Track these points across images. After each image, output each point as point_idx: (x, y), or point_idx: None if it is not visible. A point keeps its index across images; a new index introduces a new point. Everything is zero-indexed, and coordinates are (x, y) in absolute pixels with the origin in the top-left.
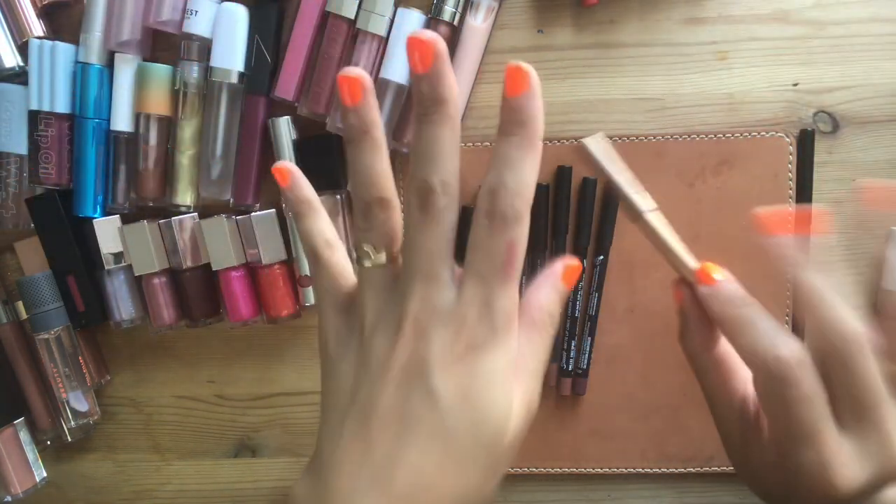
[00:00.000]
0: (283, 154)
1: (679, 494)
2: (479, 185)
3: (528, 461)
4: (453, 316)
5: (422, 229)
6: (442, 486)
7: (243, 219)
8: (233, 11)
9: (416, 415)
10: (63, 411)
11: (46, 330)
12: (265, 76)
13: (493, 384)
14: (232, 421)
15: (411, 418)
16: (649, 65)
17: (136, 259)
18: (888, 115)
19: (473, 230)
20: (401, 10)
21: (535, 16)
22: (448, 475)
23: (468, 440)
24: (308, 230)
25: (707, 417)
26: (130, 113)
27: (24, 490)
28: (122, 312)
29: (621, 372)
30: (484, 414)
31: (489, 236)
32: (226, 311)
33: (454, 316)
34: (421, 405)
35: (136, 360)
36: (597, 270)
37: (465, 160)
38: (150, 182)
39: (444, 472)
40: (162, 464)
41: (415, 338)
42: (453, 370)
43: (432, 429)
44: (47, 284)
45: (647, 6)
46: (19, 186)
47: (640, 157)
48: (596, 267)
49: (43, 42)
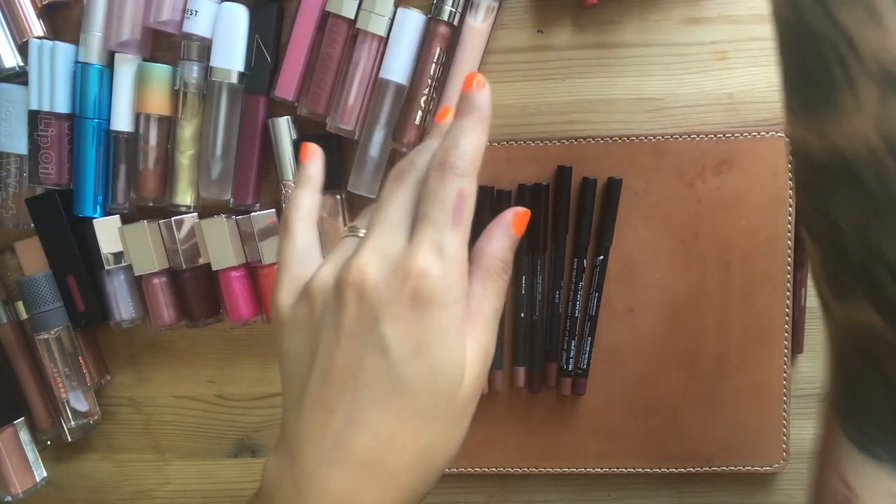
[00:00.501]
0: (284, 154)
1: (679, 494)
2: (478, 185)
3: (528, 461)
4: (403, 261)
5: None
6: (404, 443)
7: (243, 219)
8: (233, 11)
9: (371, 369)
10: (63, 411)
11: (46, 330)
12: (265, 76)
13: (446, 333)
14: (232, 421)
15: (366, 373)
16: (649, 65)
17: (136, 259)
18: None
19: (426, 183)
20: (401, 10)
21: (535, 16)
22: (409, 431)
23: (425, 392)
24: (294, 199)
25: (707, 417)
26: (130, 113)
27: (24, 490)
28: (122, 312)
29: (621, 372)
30: (438, 363)
31: (441, 184)
32: (226, 311)
33: (403, 261)
34: (374, 359)
35: (136, 360)
36: (597, 270)
37: None
38: (150, 182)
39: (405, 427)
40: (162, 464)
41: (364, 286)
42: (404, 318)
43: (388, 383)
44: (47, 284)
45: (647, 6)
46: (19, 186)
47: (640, 157)
48: (596, 267)
49: (43, 42)
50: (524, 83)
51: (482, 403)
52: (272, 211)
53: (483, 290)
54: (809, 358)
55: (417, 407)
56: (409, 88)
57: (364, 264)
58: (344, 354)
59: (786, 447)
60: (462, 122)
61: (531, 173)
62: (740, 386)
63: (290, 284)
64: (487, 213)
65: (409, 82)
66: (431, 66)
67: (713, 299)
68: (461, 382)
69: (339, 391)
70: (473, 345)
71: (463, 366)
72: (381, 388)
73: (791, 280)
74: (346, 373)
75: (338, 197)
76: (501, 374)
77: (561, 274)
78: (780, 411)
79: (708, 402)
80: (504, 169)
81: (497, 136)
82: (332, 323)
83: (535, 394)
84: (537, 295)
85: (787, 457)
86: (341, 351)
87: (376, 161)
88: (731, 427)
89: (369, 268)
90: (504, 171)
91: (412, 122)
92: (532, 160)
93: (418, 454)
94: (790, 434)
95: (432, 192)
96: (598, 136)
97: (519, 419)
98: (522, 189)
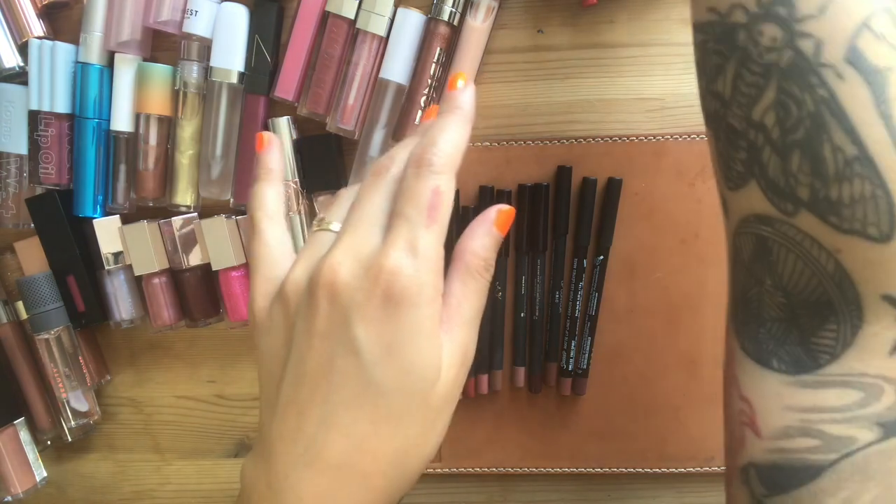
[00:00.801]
0: (284, 154)
1: (679, 494)
2: (478, 185)
3: (528, 461)
4: (375, 261)
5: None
6: (378, 446)
7: (243, 219)
8: (233, 11)
9: (343, 371)
10: (63, 411)
11: (46, 330)
12: (265, 76)
13: (418, 333)
14: (232, 421)
15: (338, 375)
16: (649, 65)
17: (136, 259)
18: None
19: (402, 181)
20: (401, 10)
21: (535, 16)
22: (382, 433)
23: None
24: (255, 195)
25: (707, 417)
26: (130, 113)
27: (24, 490)
28: (122, 312)
29: (621, 372)
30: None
31: (416, 181)
32: (226, 311)
33: (376, 261)
34: (346, 360)
35: (136, 360)
36: (597, 270)
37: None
38: (150, 182)
39: (377, 430)
40: (162, 464)
41: (335, 287)
42: (375, 319)
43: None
44: (47, 284)
45: (647, 6)
46: (19, 186)
47: (640, 157)
48: (596, 267)
49: (43, 42)
50: (524, 83)
51: (482, 403)
52: None
53: (463, 288)
54: None
55: (391, 408)
56: (409, 88)
57: (336, 264)
58: (316, 356)
59: None
60: (442, 121)
61: (531, 173)
62: None
63: (265, 286)
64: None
65: (408, 82)
66: (431, 66)
67: (713, 299)
68: (436, 383)
69: (312, 393)
70: (450, 345)
71: (437, 366)
72: (353, 390)
73: None
74: (318, 375)
75: None
76: (501, 374)
77: (561, 274)
78: None
79: (708, 402)
80: (504, 169)
81: (497, 136)
82: (304, 324)
83: (535, 394)
84: (537, 295)
85: None
86: (313, 353)
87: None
88: None
89: (341, 268)
90: (504, 171)
91: (412, 122)
92: (532, 160)
93: (392, 456)
94: None
95: (408, 189)
96: (598, 136)
97: (519, 419)
98: (522, 189)
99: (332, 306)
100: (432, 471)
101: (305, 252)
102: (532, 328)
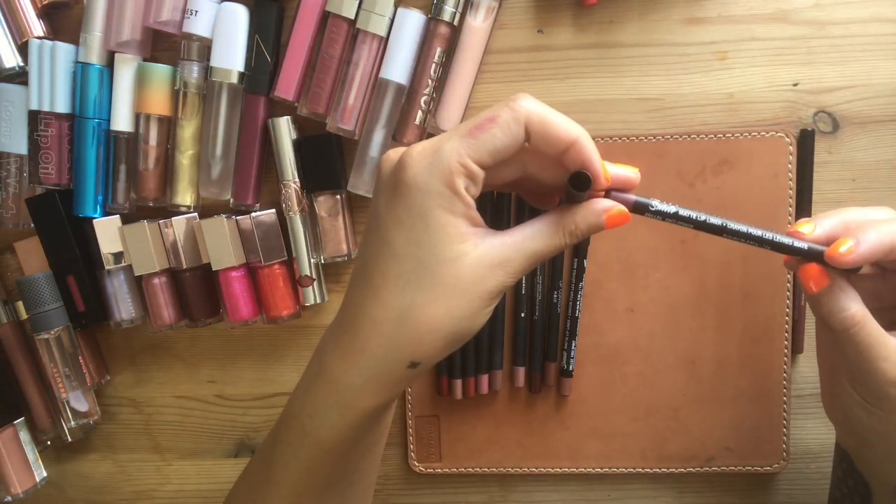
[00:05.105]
0: (284, 154)
1: (679, 494)
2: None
3: (528, 461)
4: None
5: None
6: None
7: (243, 219)
8: (233, 11)
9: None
10: (63, 411)
11: (46, 330)
12: (265, 76)
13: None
14: (232, 421)
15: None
16: (649, 65)
17: (136, 259)
18: (888, 115)
19: None
20: (401, 10)
21: (535, 16)
22: (391, 287)
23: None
24: None
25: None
26: (130, 113)
27: (24, 490)
28: (122, 312)
29: (621, 372)
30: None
31: (494, 106)
32: (226, 311)
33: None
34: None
35: (136, 360)
36: (574, 272)
37: None
38: (150, 182)
39: (386, 284)
40: (162, 464)
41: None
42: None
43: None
44: (47, 284)
45: (647, 6)
46: (19, 186)
47: (640, 157)
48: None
49: (43, 42)
50: (524, 83)
51: (482, 403)
52: (272, 211)
53: (538, 228)
54: (809, 358)
55: (401, 269)
56: (409, 88)
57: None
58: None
59: (785, 447)
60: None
61: None
62: (740, 386)
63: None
64: (487, 214)
65: (409, 82)
66: (431, 66)
67: (713, 299)
68: (452, 263)
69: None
70: (488, 246)
71: (452, 250)
72: (374, 248)
73: (791, 280)
74: (362, 243)
75: (338, 197)
76: (501, 374)
77: (560, 274)
78: (780, 411)
79: (708, 402)
80: None
81: None
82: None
83: (535, 394)
84: (537, 295)
85: (787, 457)
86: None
87: (376, 161)
88: (731, 427)
89: (396, 155)
90: None
91: (412, 122)
92: None
93: (396, 311)
94: (790, 434)
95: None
96: (598, 136)
97: (519, 419)
98: None
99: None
100: (432, 471)
101: None
102: (532, 328)
